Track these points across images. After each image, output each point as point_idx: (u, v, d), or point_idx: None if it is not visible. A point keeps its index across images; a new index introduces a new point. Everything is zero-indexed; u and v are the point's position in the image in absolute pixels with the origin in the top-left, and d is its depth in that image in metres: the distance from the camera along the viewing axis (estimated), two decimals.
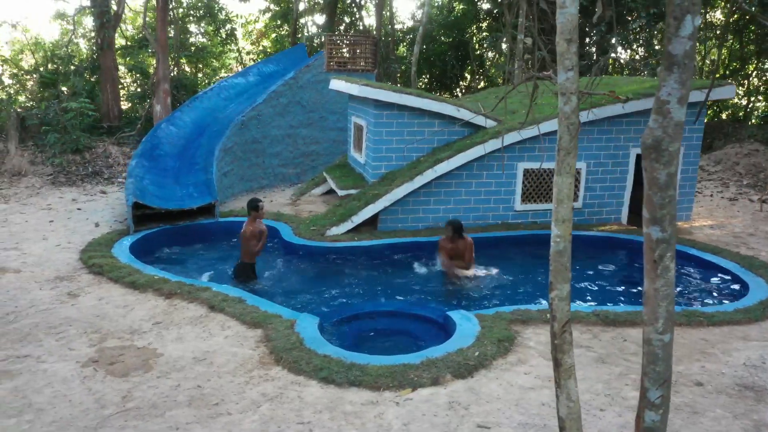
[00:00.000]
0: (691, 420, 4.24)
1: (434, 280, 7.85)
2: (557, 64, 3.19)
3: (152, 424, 4.09)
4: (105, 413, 4.21)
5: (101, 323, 5.78)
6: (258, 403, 4.37)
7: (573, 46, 3.10)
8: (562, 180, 3.18)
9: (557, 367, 3.34)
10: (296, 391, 4.54)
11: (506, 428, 4.08)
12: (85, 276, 7.14)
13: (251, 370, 4.90)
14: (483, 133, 9.54)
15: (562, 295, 3.25)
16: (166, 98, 12.69)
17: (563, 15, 3.09)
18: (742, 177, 14.87)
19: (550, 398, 4.49)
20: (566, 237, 3.20)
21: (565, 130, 3.16)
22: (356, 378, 4.67)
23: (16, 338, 5.38)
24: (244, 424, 4.10)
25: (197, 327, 5.74)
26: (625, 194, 10.30)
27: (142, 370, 4.87)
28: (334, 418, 4.18)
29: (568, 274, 3.25)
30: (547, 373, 4.91)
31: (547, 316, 6.02)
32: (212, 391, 4.54)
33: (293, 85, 12.53)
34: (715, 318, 6.11)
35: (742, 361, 5.26)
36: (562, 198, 3.19)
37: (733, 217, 11.31)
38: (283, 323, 5.68)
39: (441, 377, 4.72)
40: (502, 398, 4.48)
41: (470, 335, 5.44)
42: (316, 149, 13.25)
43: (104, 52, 14.30)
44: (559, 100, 3.19)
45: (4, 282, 6.81)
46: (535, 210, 9.94)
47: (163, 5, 12.33)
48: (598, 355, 5.31)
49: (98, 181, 11.93)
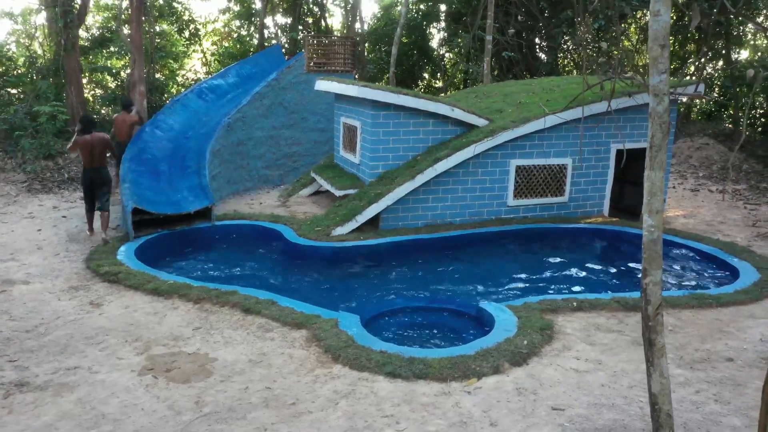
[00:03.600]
0: (737, 392, 4.62)
1: (448, 275, 8.07)
2: (650, 67, 3.45)
3: (237, 427, 4.10)
4: (183, 419, 4.19)
5: (138, 331, 5.67)
6: (334, 400, 4.45)
7: (666, 50, 3.37)
8: (654, 174, 3.44)
9: (651, 347, 3.61)
10: (366, 386, 4.64)
11: (578, 409, 4.33)
12: (99, 285, 6.93)
13: (312, 369, 4.96)
14: (477, 131, 9.83)
15: (655, 281, 3.51)
16: (142, 100, 12.33)
17: (657, 22, 3.36)
18: (697, 169, 15.86)
19: (605, 380, 4.79)
20: (659, 227, 3.46)
21: (657, 128, 3.42)
22: (421, 371, 4.81)
23: (57, 350, 5.22)
24: (330, 420, 4.17)
25: (240, 330, 5.73)
26: (607, 188, 10.84)
27: (203, 375, 4.85)
28: (414, 409, 4.31)
29: (661, 261, 3.51)
30: (594, 357, 5.21)
31: (573, 304, 6.35)
32: (283, 392, 4.58)
33: (275, 87, 12.47)
34: (721, 299, 6.61)
35: (758, 337, 5.74)
36: (655, 191, 3.45)
37: (700, 207, 12.10)
38: (326, 323, 5.74)
39: (500, 366, 4.93)
40: (562, 382, 4.74)
41: (512, 325, 5.68)
42: (298, 150, 13.23)
43: (68, 53, 13.73)
44: (651, 100, 3.44)
45: (17, 294, 6.54)
46: (526, 205, 10.32)
47: (138, 4, 11.98)
48: (631, 338, 5.67)
49: (75, 188, 11.48)
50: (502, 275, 8.15)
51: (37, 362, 4.98)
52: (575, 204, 10.66)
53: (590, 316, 6.17)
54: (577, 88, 11.76)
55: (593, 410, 4.30)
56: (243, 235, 9.40)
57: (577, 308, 6.28)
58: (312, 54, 12.87)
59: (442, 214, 9.82)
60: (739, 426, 4.14)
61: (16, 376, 4.70)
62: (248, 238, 9.35)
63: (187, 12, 17.89)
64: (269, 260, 8.60)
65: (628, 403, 4.41)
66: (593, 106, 9.98)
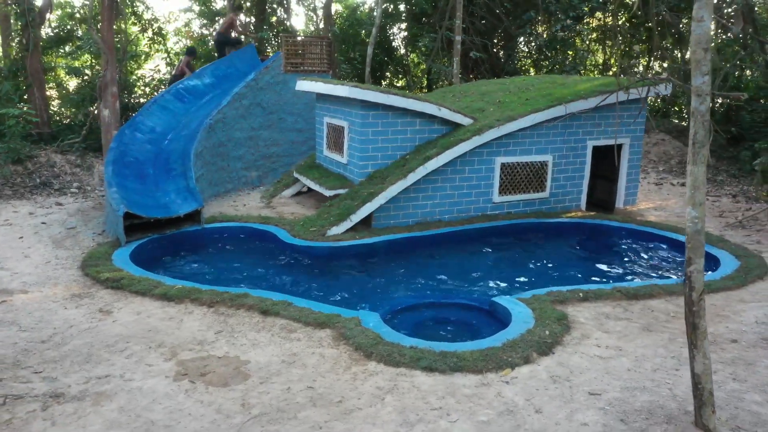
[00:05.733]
0: (750, 370, 4.97)
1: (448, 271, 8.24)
2: (692, 69, 3.69)
3: (291, 427, 4.13)
4: (235, 422, 4.19)
5: (159, 337, 5.59)
6: (379, 396, 4.53)
7: (708, 54, 3.61)
8: (698, 169, 3.69)
9: (694, 330, 3.87)
10: (407, 381, 4.75)
11: (612, 393, 4.57)
12: (103, 292, 6.76)
13: (348, 367, 5.02)
14: (464, 130, 10.04)
15: (699, 269, 3.77)
16: (114, 102, 11.96)
17: (700, 27, 3.60)
18: (657, 164, 16.64)
19: (630, 365, 5.05)
20: (702, 218, 3.71)
21: (700, 126, 3.67)
22: (456, 364, 4.95)
23: (81, 359, 5.09)
24: (382, 416, 4.26)
25: (263, 332, 5.72)
26: (584, 183, 11.27)
27: (240, 378, 4.83)
28: (460, 401, 4.45)
29: (704, 250, 3.76)
30: (613, 344, 5.48)
31: (580, 295, 6.63)
32: (326, 391, 4.63)
33: (254, 87, 12.34)
34: (712, 286, 7.04)
35: (752, 319, 6.15)
36: (698, 185, 3.69)
37: (667, 200, 12.73)
38: (349, 321, 5.80)
39: (530, 356, 5.13)
40: (591, 369, 4.97)
41: (529, 317, 5.89)
42: (276, 151, 13.14)
43: (30, 53, 13.18)
44: (694, 100, 3.68)
45: (19, 304, 6.30)
46: (510, 201, 10.62)
47: (110, 3, 11.61)
48: (640, 325, 5.98)
49: (49, 193, 11.06)
50: (500, 270, 8.39)
51: (63, 372, 4.85)
52: (555, 199, 11.04)
53: (597, 306, 6.46)
54: (551, 86, 12.17)
55: (627, 393, 4.55)
56: (235, 237, 9.32)
57: (584, 299, 6.56)
58: (290, 54, 12.81)
59: (432, 212, 10.00)
60: (760, 401, 4.46)
61: (47, 388, 4.57)
62: (241, 240, 9.27)
63: (149, 11, 17.41)
64: (267, 262, 8.54)
65: (657, 386, 4.68)
66: (573, 105, 10.36)
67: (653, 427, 4.05)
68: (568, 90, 11.25)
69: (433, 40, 17.69)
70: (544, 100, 10.91)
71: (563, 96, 10.81)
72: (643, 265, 8.63)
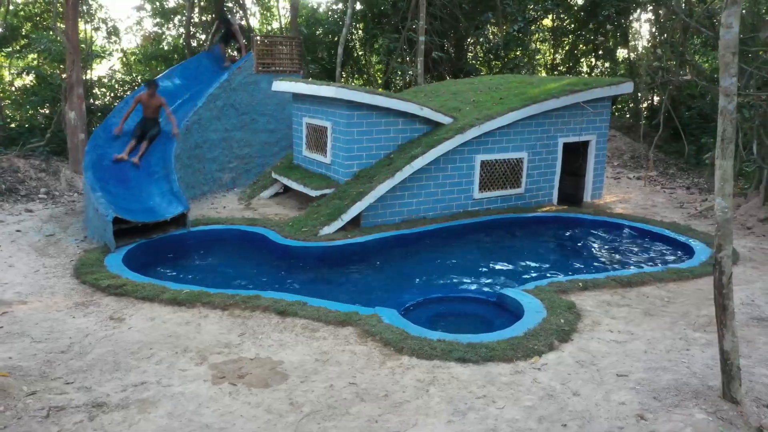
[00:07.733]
0: (752, 347, 5.42)
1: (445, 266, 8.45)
2: (721, 71, 4.02)
3: (347, 422, 4.22)
4: (289, 420, 4.24)
5: (183, 342, 5.52)
6: (422, 388, 4.67)
7: (736, 57, 3.95)
8: (726, 163, 4.02)
9: (724, 311, 4.22)
10: (445, 372, 4.91)
11: (638, 374, 4.89)
12: (107, 299, 6.58)
13: (383, 362, 5.13)
14: (446, 128, 10.29)
15: (728, 254, 4.10)
16: (81, 104, 11.50)
17: (729, 33, 3.93)
18: (611, 159, 17.45)
19: (645, 347, 5.40)
20: (730, 208, 4.06)
21: (728, 123, 4.00)
22: (486, 354, 5.16)
23: (110, 368, 4.98)
24: (432, 406, 4.40)
25: (286, 333, 5.75)
26: (556, 179, 11.75)
27: (279, 378, 4.87)
28: (501, 389, 4.65)
29: (732, 237, 4.10)
30: (624, 329, 5.84)
31: (579, 284, 6.98)
32: (369, 386, 4.73)
33: (227, 88, 12.17)
34: (695, 272, 7.56)
35: (738, 301, 6.63)
36: (727, 177, 4.03)
37: (628, 193, 13.43)
38: (371, 318, 5.91)
39: (552, 343, 5.39)
40: (611, 353, 5.29)
41: (540, 307, 6.17)
42: (249, 152, 13.00)
43: None
44: (722, 100, 4.02)
45: (22, 315, 6.06)
46: (489, 197, 10.96)
47: (74, 2, 11.17)
48: (641, 310, 6.37)
49: (16, 199, 10.55)
50: (494, 263, 8.64)
51: (96, 382, 4.73)
52: (530, 194, 11.47)
53: (596, 294, 6.82)
54: (519, 85, 12.61)
55: (651, 374, 4.88)
56: (224, 240, 9.21)
57: (584, 288, 6.92)
58: (261, 54, 12.70)
59: (417, 210, 10.20)
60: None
61: (86, 398, 4.46)
62: (230, 242, 9.18)
63: (102, 9, 16.78)
64: (264, 263, 8.50)
65: (675, 365, 5.03)
66: (546, 104, 10.80)
67: (685, 402, 4.38)
68: (539, 89, 11.69)
69: (396, 41, 17.89)
70: (517, 99, 11.31)
71: (536, 95, 11.24)
72: (625, 254, 9.11)
